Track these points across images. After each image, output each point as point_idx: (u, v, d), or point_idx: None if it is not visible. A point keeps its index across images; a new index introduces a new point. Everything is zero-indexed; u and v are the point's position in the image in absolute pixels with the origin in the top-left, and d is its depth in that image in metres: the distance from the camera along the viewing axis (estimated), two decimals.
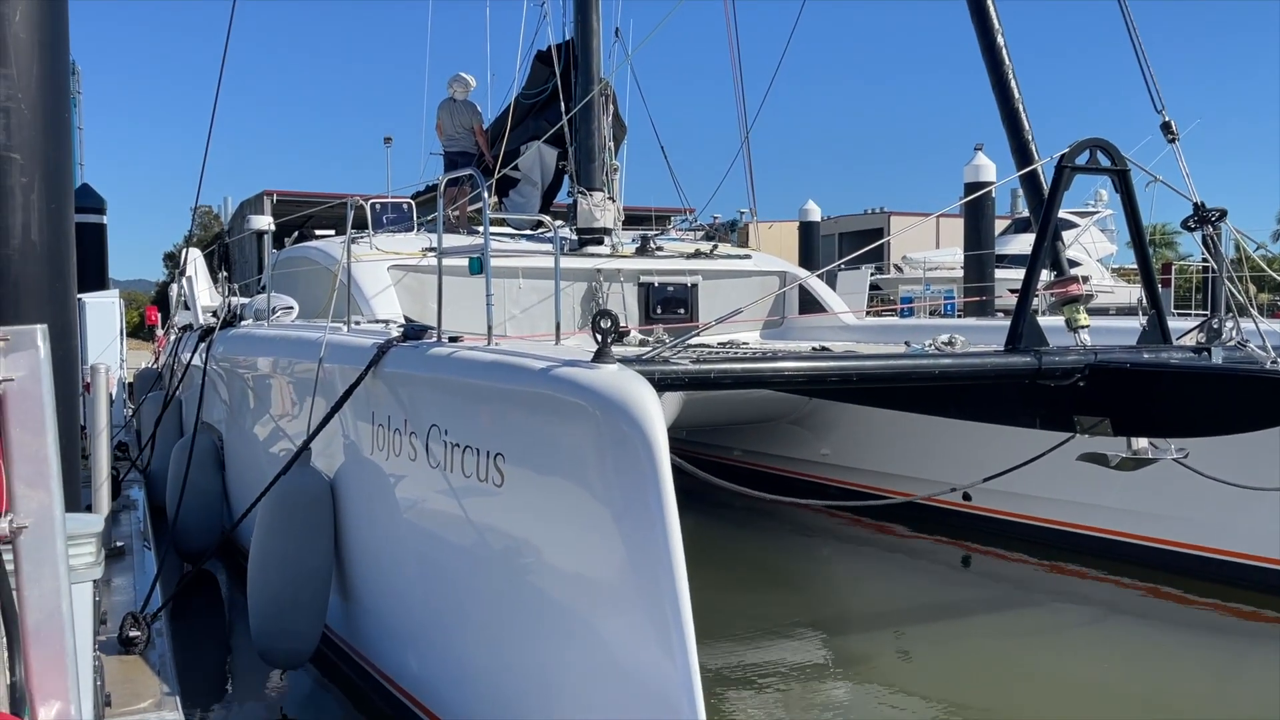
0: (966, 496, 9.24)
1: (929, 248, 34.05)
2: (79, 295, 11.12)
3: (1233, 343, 5.78)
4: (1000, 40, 7.11)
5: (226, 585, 8.44)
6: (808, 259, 22.94)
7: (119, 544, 7.34)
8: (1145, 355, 5.70)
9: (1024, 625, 7.60)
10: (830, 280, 12.90)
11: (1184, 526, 7.88)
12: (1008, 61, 7.02)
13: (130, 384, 15.21)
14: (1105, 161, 5.73)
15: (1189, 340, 6.05)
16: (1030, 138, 6.86)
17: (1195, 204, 6.04)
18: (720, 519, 10.14)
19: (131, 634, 5.43)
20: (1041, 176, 6.80)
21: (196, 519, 8.23)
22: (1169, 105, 6.64)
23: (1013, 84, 6.96)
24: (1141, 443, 5.79)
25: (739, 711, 5.82)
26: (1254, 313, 5.79)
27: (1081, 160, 5.65)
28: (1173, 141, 6.41)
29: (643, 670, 3.62)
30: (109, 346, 11.52)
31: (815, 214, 24.75)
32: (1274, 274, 6.46)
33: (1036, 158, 6.80)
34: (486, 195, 5.60)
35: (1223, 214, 5.93)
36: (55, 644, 2.16)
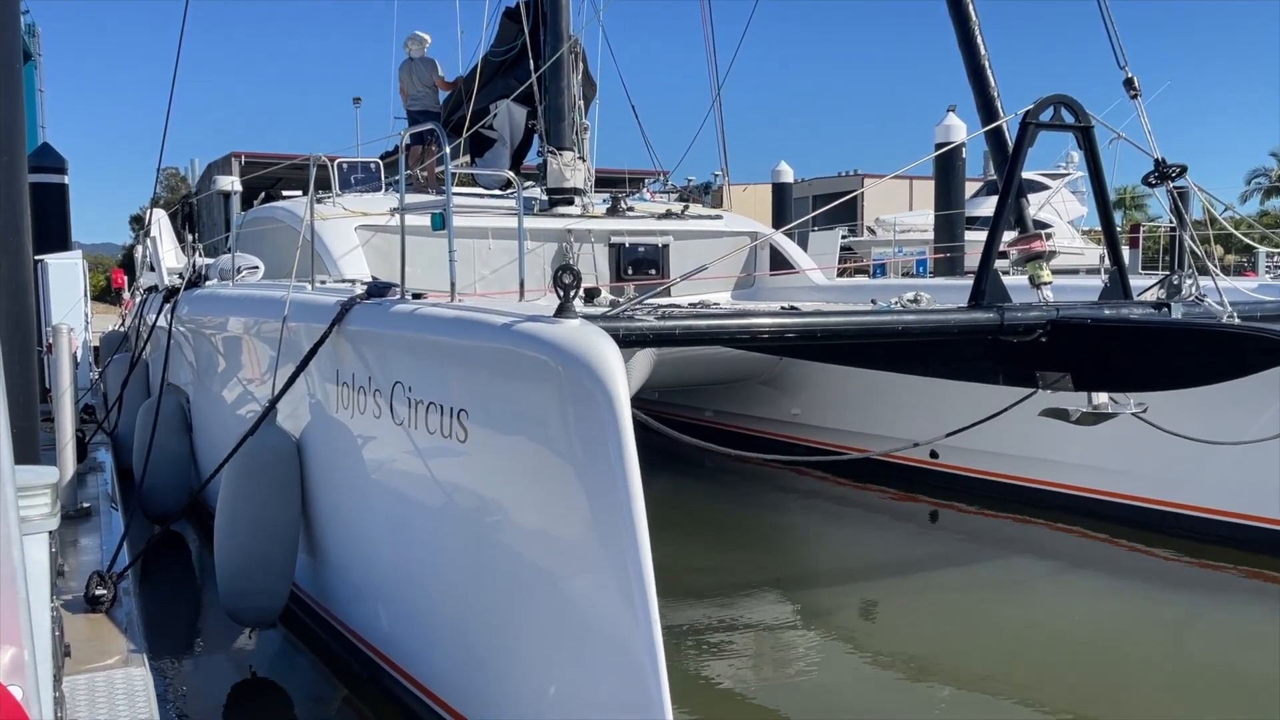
0: (934, 454, 9.34)
1: (902, 210, 34.10)
2: (41, 256, 10.97)
3: (1192, 298, 5.85)
4: None
5: (195, 546, 8.43)
6: (780, 221, 22.93)
7: (85, 505, 7.31)
8: (1106, 311, 5.76)
9: (989, 578, 7.73)
10: (802, 242, 12.92)
11: (1144, 482, 8.01)
12: (974, 17, 7.00)
13: (96, 347, 15.06)
14: (1069, 118, 5.75)
15: (1149, 296, 6.12)
16: (996, 94, 6.87)
17: (1156, 160, 6.08)
18: (691, 478, 10.21)
19: (98, 592, 5.43)
20: (1006, 133, 6.81)
21: (164, 480, 8.19)
22: (1136, 66, 6.67)
23: (979, 40, 6.95)
24: (1102, 398, 5.87)
25: (704, 666, 5.90)
26: (1213, 269, 5.86)
27: (1045, 117, 5.67)
28: (1135, 98, 6.43)
29: (605, 624, 3.65)
30: (73, 308, 11.38)
31: (788, 175, 24.74)
32: (1236, 234, 6.52)
33: (1001, 114, 6.81)
34: (449, 152, 5.55)
35: (1183, 170, 5.98)
36: (8, 594, 2.14)
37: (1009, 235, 6.56)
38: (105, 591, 5.44)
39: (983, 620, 6.73)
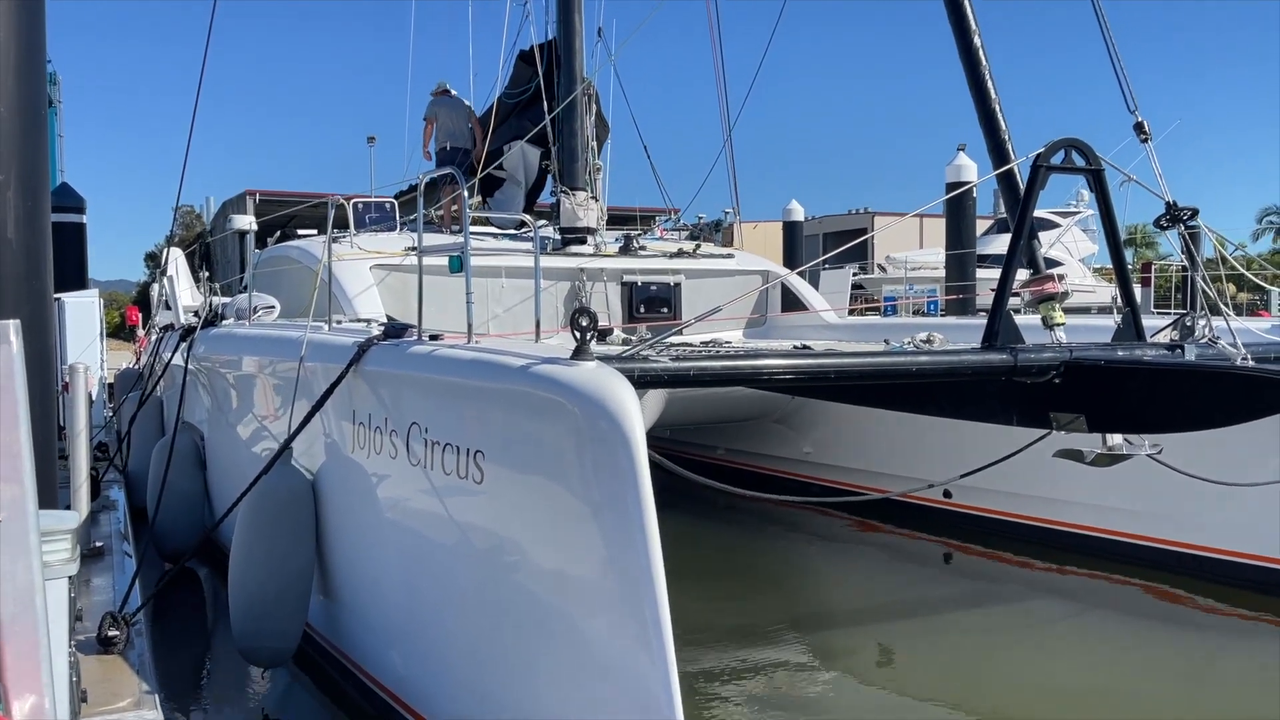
0: (947, 494, 9.30)
1: (912, 248, 34.15)
2: (58, 295, 11.09)
3: (1205, 340, 5.85)
4: (977, 41, 7.17)
5: (208, 585, 8.42)
6: (791, 259, 22.99)
7: (98, 544, 7.31)
8: (1120, 352, 5.76)
9: (1004, 621, 7.66)
10: (813, 280, 12.95)
11: (1161, 523, 7.95)
12: (985, 62, 7.08)
13: (111, 384, 15.14)
14: (1080, 161, 5.79)
15: (1163, 338, 6.12)
16: (1007, 137, 6.92)
17: (1168, 203, 6.11)
18: (704, 517, 10.17)
19: (110, 633, 5.41)
20: (1018, 176, 6.86)
21: (177, 519, 8.20)
22: (1146, 105, 6.72)
23: (990, 85, 7.02)
24: (1116, 439, 5.85)
25: (719, 709, 5.85)
26: (1226, 310, 5.86)
27: (1056, 160, 5.71)
28: (1145, 141, 6.48)
29: (621, 667, 3.64)
30: (89, 346, 11.47)
31: (799, 214, 24.82)
32: (1248, 274, 6.53)
33: (1013, 157, 6.86)
34: (467, 194, 5.62)
35: (1194, 213, 6.00)
36: (29, 639, 2.16)
37: (1022, 274, 6.58)
38: (118, 633, 5.42)
39: (999, 663, 6.67)
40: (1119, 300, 6.21)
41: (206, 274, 12.95)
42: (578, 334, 4.06)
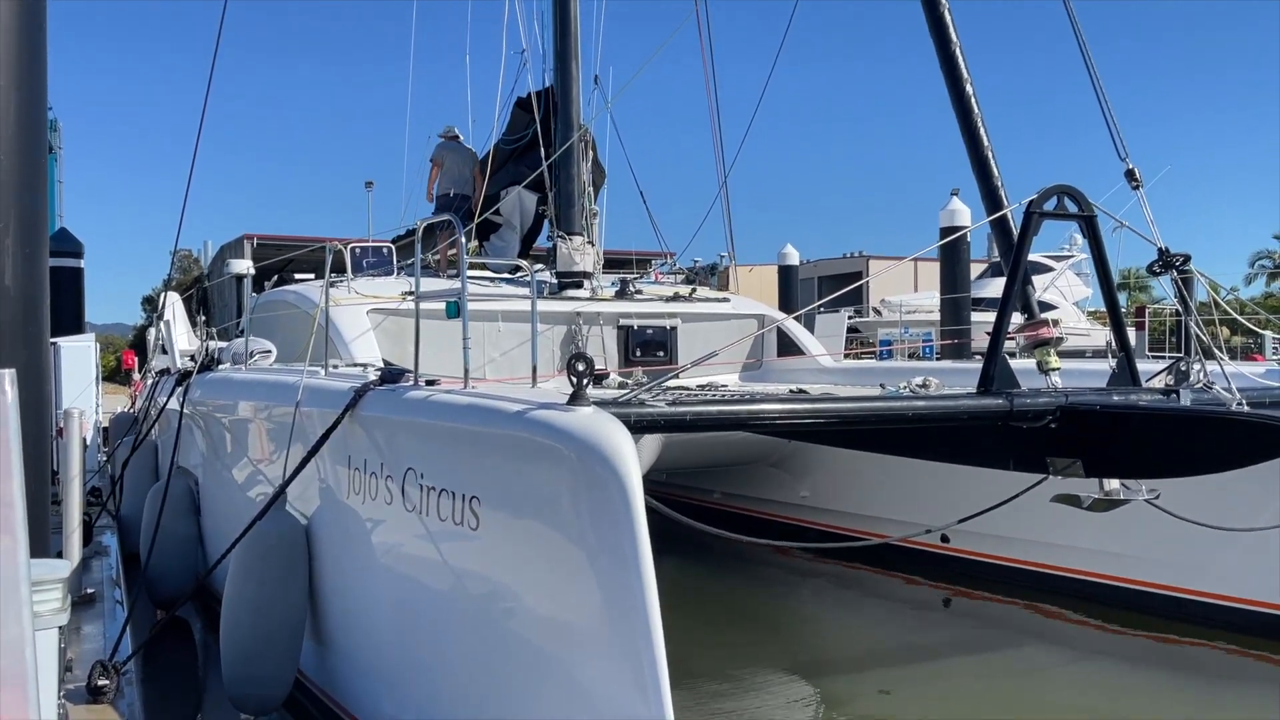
0: (945, 538, 9.25)
1: (907, 291, 34.32)
2: (54, 339, 11.10)
3: (1200, 385, 5.87)
4: (970, 89, 7.26)
5: (200, 632, 8.33)
6: (787, 302, 23.12)
7: (89, 591, 7.25)
8: (1115, 397, 5.77)
9: (1004, 666, 7.59)
10: (809, 323, 13.00)
11: (1158, 568, 7.91)
12: (977, 110, 7.16)
13: (105, 428, 15.10)
14: (1072, 207, 5.85)
15: (1158, 382, 6.14)
16: (1000, 184, 6.99)
17: (1160, 249, 6.16)
18: (701, 562, 10.11)
19: (100, 683, 5.35)
20: (1011, 222, 6.91)
21: (170, 564, 8.14)
22: (1136, 148, 6.81)
23: (982, 132, 7.10)
24: (1113, 484, 5.84)
25: None
26: (1220, 355, 5.89)
27: (1049, 206, 5.77)
28: (1137, 189, 6.55)
29: (618, 714, 3.60)
30: (84, 390, 11.44)
31: (794, 258, 25.01)
32: (1241, 319, 6.57)
33: (1006, 204, 6.92)
34: (464, 239, 5.66)
35: (1186, 259, 6.06)
36: (18, 692, 2.13)
37: (1016, 318, 6.61)
38: (108, 682, 5.36)
39: (999, 708, 6.60)
40: (1114, 345, 6.23)
41: (203, 318, 12.98)
42: (574, 379, 4.07)
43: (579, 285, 10.85)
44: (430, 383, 5.08)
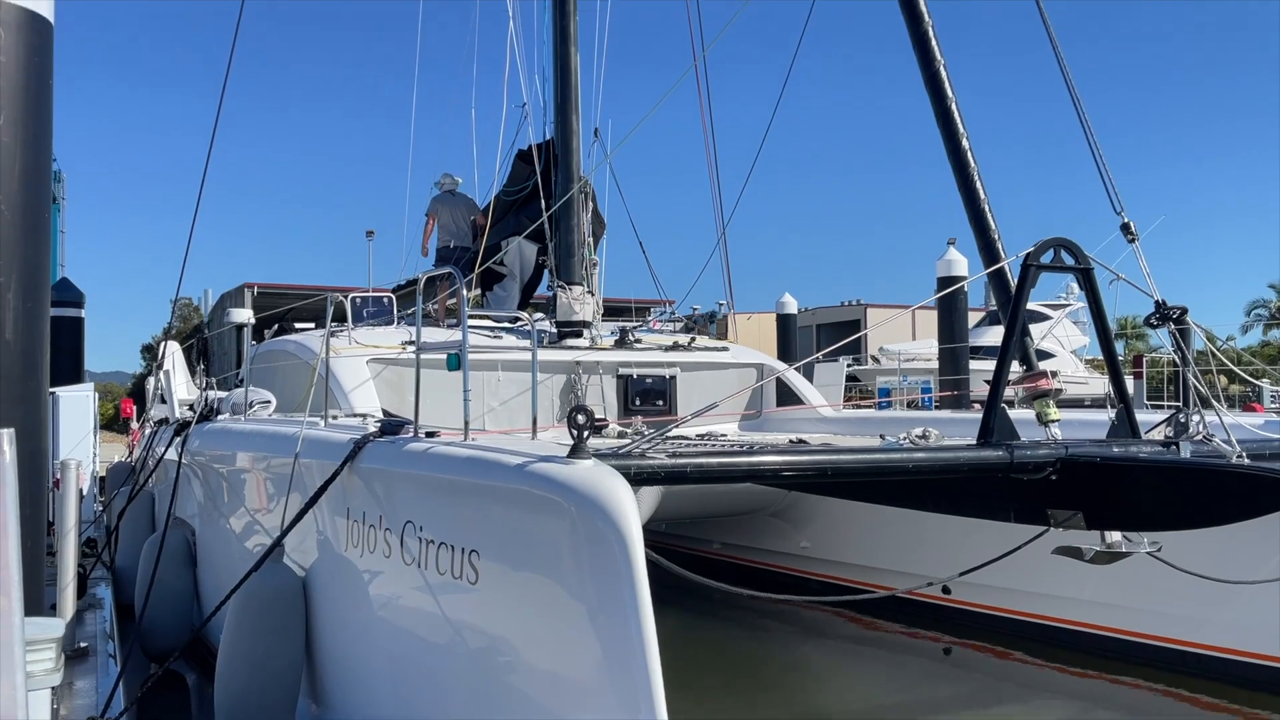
0: (946, 590, 9.18)
1: (905, 339, 34.42)
2: (53, 389, 11.10)
3: (1200, 436, 5.87)
4: (966, 144, 7.35)
5: (195, 687, 8.22)
6: (785, 351, 23.15)
7: (83, 644, 7.18)
8: (1115, 449, 5.77)
9: (1005, 718, 7.49)
10: (808, 371, 13.01)
11: (1163, 620, 7.84)
12: (973, 163, 7.24)
13: (103, 478, 15.03)
14: (1069, 260, 5.89)
15: (1157, 433, 6.14)
16: (997, 236, 7.05)
17: (1157, 302, 6.20)
18: (701, 614, 10.01)
19: None
20: (1008, 274, 6.96)
21: (165, 617, 8.06)
22: (1132, 198, 6.87)
23: (978, 185, 7.18)
24: (1115, 536, 5.82)
25: None
26: (1218, 407, 5.90)
27: (1046, 259, 5.81)
28: (1133, 242, 6.61)
29: None
30: (81, 441, 11.41)
31: (792, 306, 25.08)
32: (1237, 370, 6.59)
33: (1003, 256, 6.98)
34: (465, 290, 5.69)
35: (1183, 311, 6.09)
36: None
37: (1016, 368, 6.62)
38: None
39: None
40: (1112, 395, 6.24)
41: (203, 367, 12.98)
42: (575, 432, 4.07)
43: (578, 334, 10.89)
44: (430, 434, 5.08)
